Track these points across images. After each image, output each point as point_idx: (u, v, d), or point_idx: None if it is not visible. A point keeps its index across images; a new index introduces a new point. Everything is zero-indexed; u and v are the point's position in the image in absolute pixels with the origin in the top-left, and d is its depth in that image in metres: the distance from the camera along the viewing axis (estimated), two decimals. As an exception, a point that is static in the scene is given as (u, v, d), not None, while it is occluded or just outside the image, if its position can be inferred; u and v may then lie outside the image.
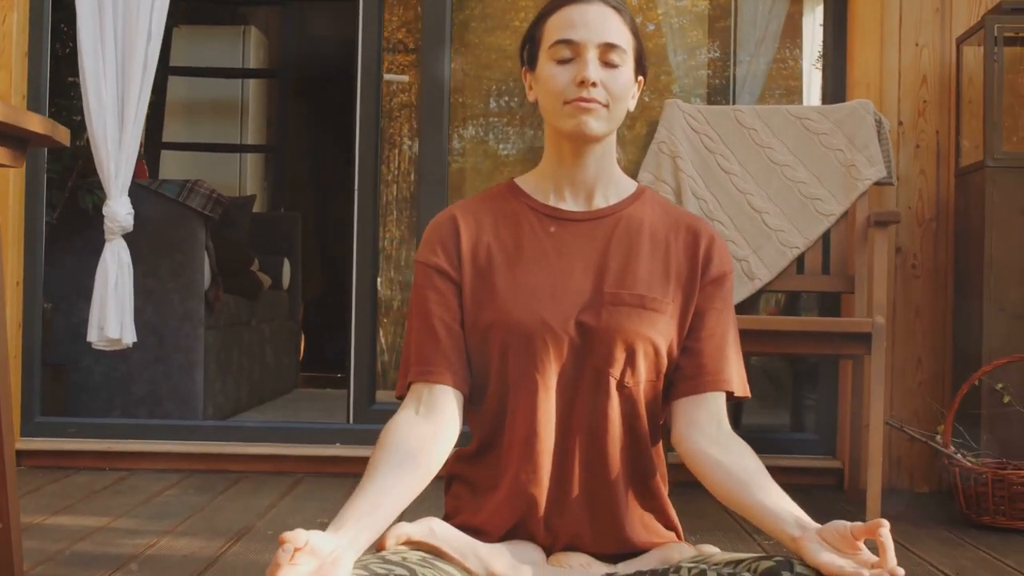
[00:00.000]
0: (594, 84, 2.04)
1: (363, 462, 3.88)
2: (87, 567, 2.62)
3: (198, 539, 2.94)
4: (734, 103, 4.82)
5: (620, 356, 2.05)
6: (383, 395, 4.53)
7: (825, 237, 3.74)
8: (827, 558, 1.80)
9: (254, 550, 2.84)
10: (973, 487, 3.30)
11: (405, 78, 4.69)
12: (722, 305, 2.14)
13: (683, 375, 2.12)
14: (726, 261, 2.17)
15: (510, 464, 2.06)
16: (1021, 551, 3.05)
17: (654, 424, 2.12)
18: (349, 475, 4.00)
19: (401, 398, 2.14)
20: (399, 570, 1.86)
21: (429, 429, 2.02)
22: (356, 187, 4.21)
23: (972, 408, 3.56)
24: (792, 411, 4.50)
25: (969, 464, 3.35)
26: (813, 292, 3.93)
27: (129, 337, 4.01)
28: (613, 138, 2.16)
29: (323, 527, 3.02)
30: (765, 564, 1.84)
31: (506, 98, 5.56)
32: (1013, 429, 3.54)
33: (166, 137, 6.99)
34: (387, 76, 4.34)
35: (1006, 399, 3.51)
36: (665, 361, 2.09)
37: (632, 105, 2.14)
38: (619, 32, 2.11)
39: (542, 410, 2.04)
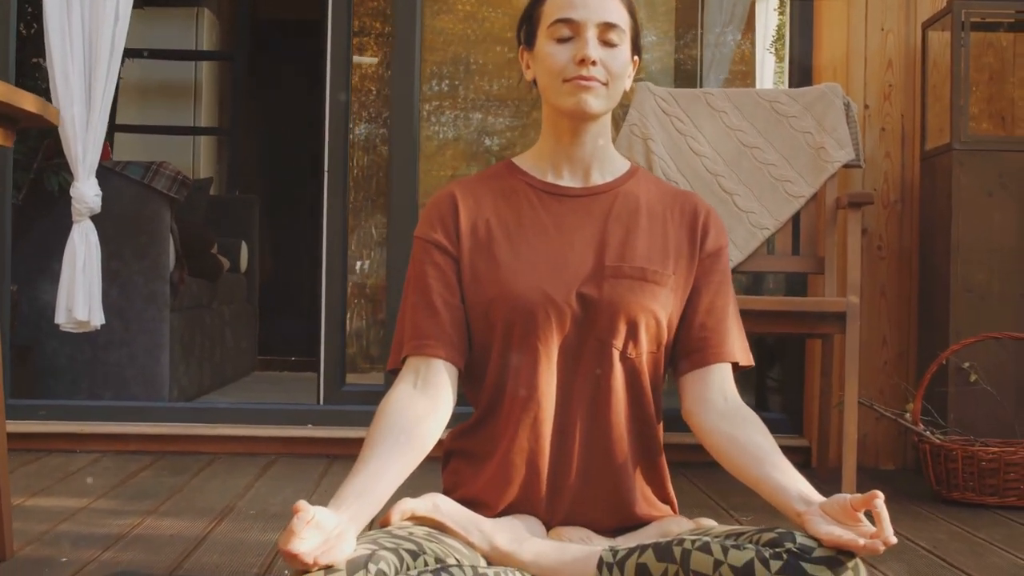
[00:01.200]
0: (594, 63, 2.07)
1: (335, 443, 3.95)
2: (77, 546, 2.61)
3: (182, 519, 2.95)
4: (701, 86, 4.86)
5: (623, 328, 2.09)
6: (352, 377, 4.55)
7: (795, 219, 3.79)
8: (827, 529, 1.84)
9: (240, 529, 2.85)
10: (943, 464, 3.37)
11: (374, 60, 4.69)
12: (721, 278, 2.18)
13: (688, 350, 2.16)
14: (722, 235, 2.21)
15: (508, 431, 2.09)
16: (992, 525, 3.12)
17: (656, 396, 2.16)
18: (322, 456, 4.02)
19: (394, 371, 2.16)
20: (407, 544, 1.89)
21: (426, 404, 2.05)
22: (326, 171, 4.21)
23: (939, 387, 3.63)
24: (757, 391, 4.56)
25: (938, 441, 3.41)
26: (782, 273, 3.97)
27: (97, 319, 3.99)
28: (609, 117, 2.19)
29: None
30: (768, 535, 1.88)
31: (447, 81, 5.58)
32: (979, 407, 3.61)
33: (119, 120, 6.93)
34: (356, 59, 4.33)
35: (973, 378, 3.58)
36: (666, 333, 2.13)
37: (628, 84, 2.17)
38: (618, 12, 2.14)
39: (544, 380, 2.08)
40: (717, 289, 2.19)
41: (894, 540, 1.80)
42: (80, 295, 3.94)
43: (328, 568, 1.73)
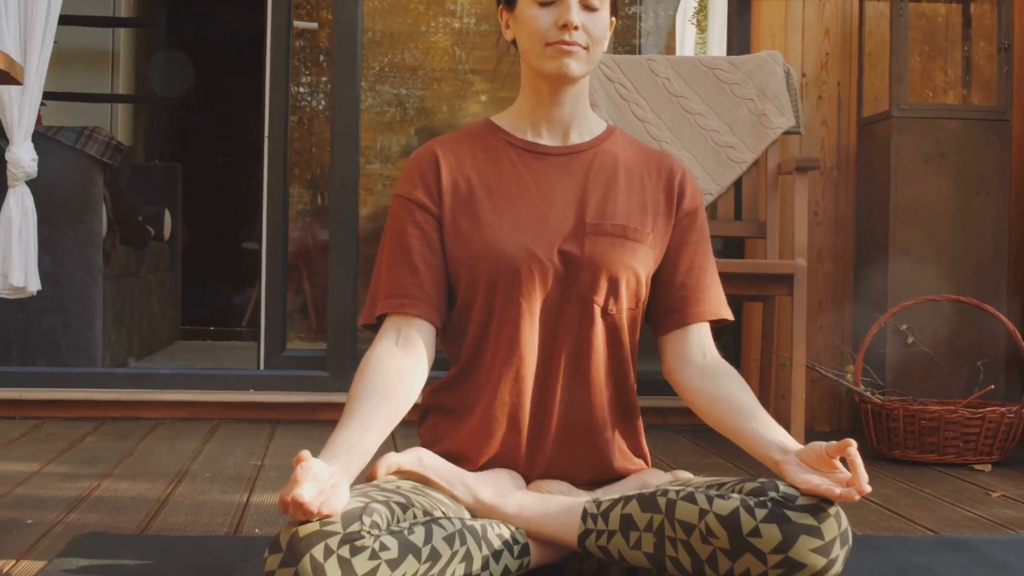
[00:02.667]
0: (576, 28, 2.09)
1: (277, 408, 3.95)
2: (39, 508, 2.59)
3: (139, 482, 2.93)
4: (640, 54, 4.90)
5: (604, 284, 2.12)
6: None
7: (737, 184, 3.85)
8: (804, 478, 1.90)
9: (199, 490, 2.85)
10: (884, 423, 3.45)
11: (314, 25, 4.66)
12: (698, 237, 2.23)
13: (668, 309, 2.20)
14: (698, 195, 2.25)
15: (489, 385, 2.12)
16: (936, 480, 3.20)
17: (634, 351, 2.20)
18: (264, 420, 4.01)
19: (367, 326, 2.18)
20: (396, 497, 1.91)
21: (408, 362, 2.07)
22: (266, 137, 4.19)
23: (878, 348, 3.71)
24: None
25: (879, 401, 3.49)
26: (720, 237, 4.03)
27: (34, 285, 3.94)
28: (588, 78, 2.21)
29: (256, 469, 3.05)
30: (751, 484, 1.93)
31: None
32: (916, 368, 3.70)
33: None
34: (297, 23, 4.31)
35: (910, 339, 3.66)
36: (645, 290, 2.17)
37: (606, 46, 2.20)
38: (599, -25, 2.16)
39: (526, 336, 2.11)
40: (695, 248, 2.23)
41: (868, 488, 1.86)
42: (16, 261, 3.89)
43: (324, 519, 1.75)
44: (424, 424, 2.25)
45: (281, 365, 4.20)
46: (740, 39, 4.26)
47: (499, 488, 2.08)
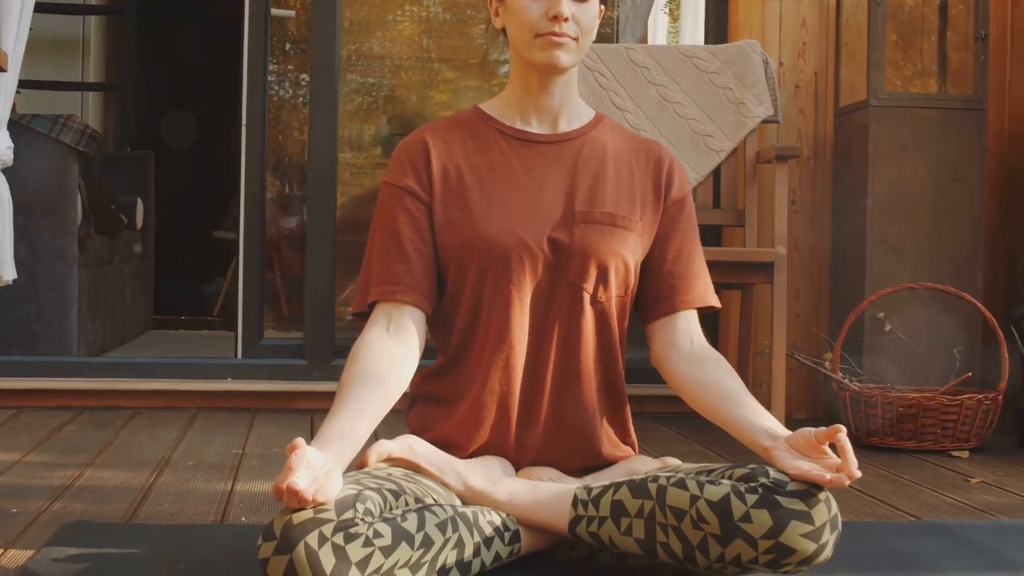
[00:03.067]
0: (566, 19, 2.10)
1: (255, 396, 3.94)
2: (23, 497, 2.58)
3: (121, 471, 2.92)
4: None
5: (593, 272, 2.13)
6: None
7: (715, 173, 3.87)
8: (794, 463, 1.91)
9: (182, 479, 2.84)
10: (863, 410, 3.48)
11: (291, 13, 4.65)
12: (686, 225, 2.24)
13: (655, 297, 2.21)
14: (686, 183, 2.26)
15: (479, 373, 2.13)
16: (915, 467, 3.23)
17: (622, 339, 2.21)
18: (243, 409, 4.00)
19: (358, 314, 2.18)
20: (389, 484, 1.92)
21: (399, 349, 2.08)
22: (244, 125, 4.18)
23: (855, 336, 3.73)
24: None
25: (857, 388, 3.52)
26: (703, 226, 4.04)
27: (9, 274, 3.91)
28: (577, 67, 2.22)
29: (238, 457, 3.05)
30: (741, 471, 1.94)
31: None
32: (893, 356, 3.73)
33: (1, 74, 6.76)
34: (274, 12, 4.30)
35: (887, 327, 3.69)
36: (633, 278, 2.18)
37: (594, 36, 2.20)
38: (589, -34, 2.16)
39: (516, 324, 2.11)
40: (683, 236, 2.24)
41: (858, 474, 1.88)
42: (-9, 249, 3.86)
43: (318, 506, 1.75)
44: (412, 412, 2.25)
45: (259, 354, 4.19)
46: (717, 28, 4.28)
47: (489, 475, 2.09)
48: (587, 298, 2.14)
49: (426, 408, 2.22)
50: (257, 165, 4.18)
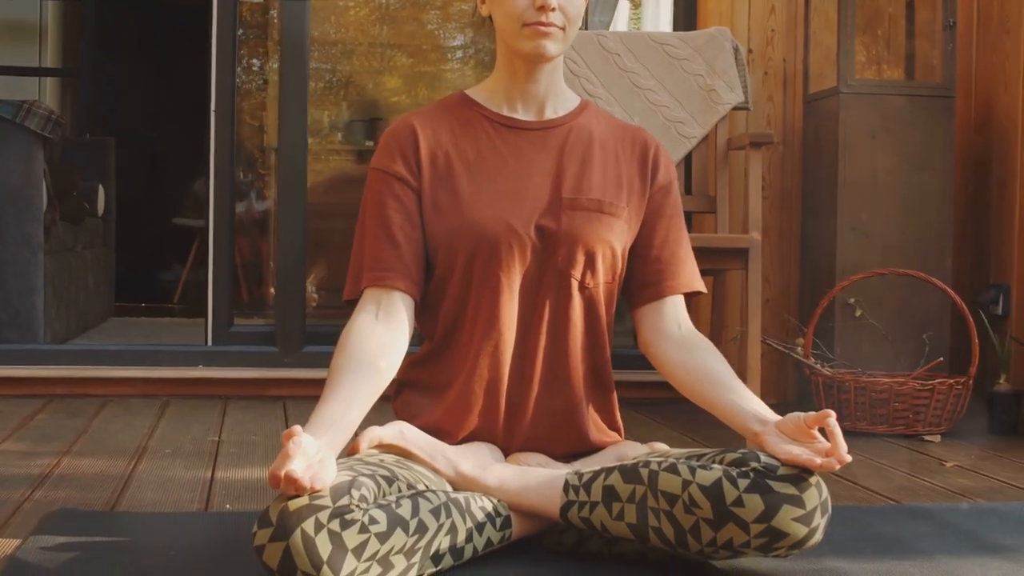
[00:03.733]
0: (553, 9, 2.10)
1: (227, 384, 3.91)
2: (2, 486, 2.56)
3: (100, 459, 2.90)
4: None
5: (581, 259, 2.14)
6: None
7: (687, 159, 3.88)
8: (784, 448, 1.93)
9: (162, 467, 2.83)
10: (835, 395, 3.51)
11: (260, -1, 4.62)
12: (672, 211, 2.25)
13: (642, 283, 2.23)
14: (671, 169, 2.27)
15: (467, 360, 2.13)
16: (889, 451, 3.26)
17: (610, 325, 2.22)
18: (214, 396, 3.99)
19: (349, 301, 2.18)
20: (381, 470, 1.92)
21: (388, 335, 2.08)
22: (213, 112, 4.15)
23: (826, 322, 3.76)
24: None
25: (829, 373, 3.55)
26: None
27: (-25, 261, 3.89)
28: (562, 55, 2.22)
29: (215, 445, 3.04)
30: (731, 455, 1.95)
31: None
32: (863, 341, 3.76)
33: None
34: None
35: (858, 312, 3.72)
36: (621, 264, 2.19)
37: (579, 24, 2.21)
38: (576, -45, 2.17)
39: (505, 310, 2.12)
40: (669, 222, 2.25)
41: (849, 458, 1.90)
42: (-42, 236, 3.83)
43: (314, 493, 1.75)
44: (399, 399, 2.25)
45: (229, 341, 4.17)
46: (686, 15, 4.29)
47: (479, 461, 2.10)
48: (575, 285, 2.15)
49: (413, 395, 2.22)
50: (226, 151, 4.15)
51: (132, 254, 7.60)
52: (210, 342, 4.19)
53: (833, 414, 1.91)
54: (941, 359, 3.55)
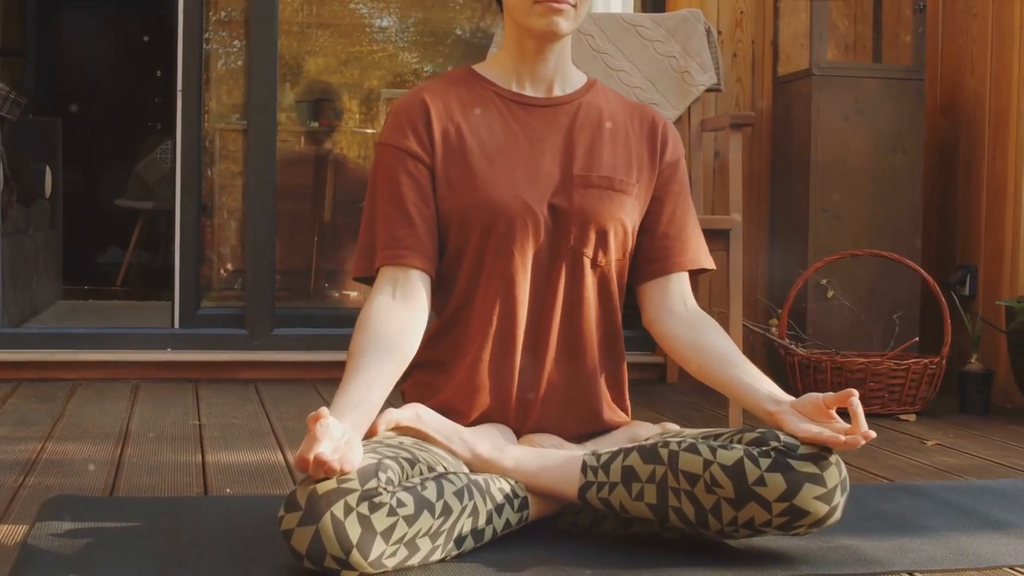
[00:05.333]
0: (565, -14, 2.09)
1: (196, 367, 3.87)
2: (-10, 473, 2.53)
3: (84, 444, 2.86)
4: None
5: (593, 236, 2.14)
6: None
7: (660, 141, 3.88)
8: (803, 427, 1.94)
9: (150, 452, 2.79)
10: (811, 375, 3.54)
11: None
12: (679, 188, 2.25)
13: (648, 258, 2.22)
14: (679, 146, 2.27)
15: (478, 337, 2.12)
16: (868, 431, 3.29)
17: (621, 302, 2.22)
18: (185, 380, 3.95)
19: (360, 279, 2.16)
20: (403, 453, 1.91)
21: (407, 314, 2.06)
22: (179, 95, 4.10)
23: (797, 303, 3.79)
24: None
25: (804, 353, 3.57)
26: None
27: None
28: (570, 34, 2.21)
29: (197, 428, 3.01)
30: (750, 435, 1.96)
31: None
32: (835, 321, 3.80)
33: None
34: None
35: (830, 293, 3.75)
36: (631, 241, 2.19)
37: (590, 3, 2.20)
38: (588, -68, 2.16)
39: (519, 288, 2.11)
40: (677, 199, 2.25)
41: (873, 434, 1.92)
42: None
43: (342, 476, 1.74)
44: (409, 379, 2.24)
45: (197, 323, 4.13)
46: (656, -4, 4.30)
47: (495, 442, 2.09)
48: (587, 263, 2.14)
49: (423, 375, 2.20)
50: (194, 133, 4.10)
51: (74, 236, 7.51)
52: (177, 325, 4.14)
53: (855, 393, 1.93)
54: (917, 339, 3.59)
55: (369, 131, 6.06)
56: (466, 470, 2.02)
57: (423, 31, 5.89)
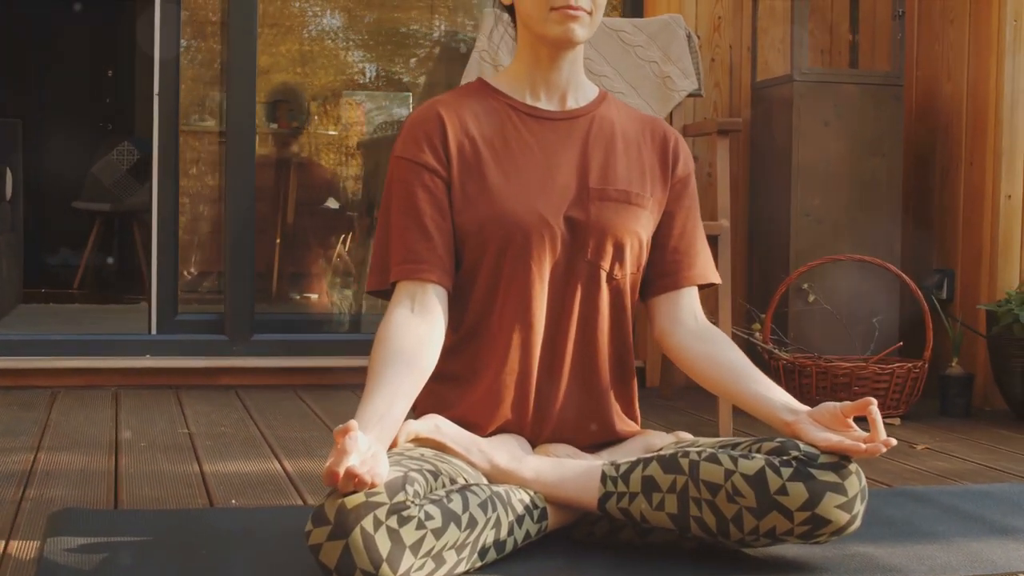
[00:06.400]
0: (581, -7, 2.10)
1: (176, 373, 3.84)
2: (-10, 485, 2.49)
3: (77, 454, 2.83)
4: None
5: (610, 250, 2.14)
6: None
7: (642, 146, 3.89)
8: (823, 436, 1.96)
9: (146, 461, 2.76)
10: (797, 380, 3.56)
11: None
12: (690, 202, 2.26)
13: (660, 272, 2.23)
14: (690, 160, 2.28)
15: (497, 352, 2.12)
16: (856, 435, 3.32)
17: (632, 315, 2.23)
18: (165, 387, 3.91)
19: (375, 292, 2.15)
20: (427, 465, 1.91)
21: (425, 328, 2.05)
22: (156, 95, 4.06)
23: (779, 307, 3.81)
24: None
25: (789, 358, 3.60)
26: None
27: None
28: (583, 44, 2.21)
29: (188, 437, 2.99)
30: (768, 444, 1.97)
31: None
32: (816, 325, 3.82)
33: None
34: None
35: (811, 298, 3.78)
36: (645, 254, 2.20)
37: (603, 10, 2.20)
38: (602, -60, 2.16)
39: (537, 302, 2.11)
40: (687, 213, 2.26)
41: (894, 441, 1.93)
42: None
43: (370, 489, 1.73)
44: (422, 393, 2.22)
45: (175, 329, 4.09)
46: (635, 2, 4.30)
47: (513, 453, 2.09)
48: (604, 276, 2.15)
49: (438, 387, 2.19)
50: (171, 135, 4.06)
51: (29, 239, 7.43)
52: (154, 330, 4.10)
53: (874, 402, 1.94)
54: (902, 343, 3.63)
55: (331, 132, 6.04)
56: (485, 481, 2.02)
57: (379, 31, 5.87)
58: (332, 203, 5.93)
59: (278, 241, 5.38)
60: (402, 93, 6.19)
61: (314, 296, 5.35)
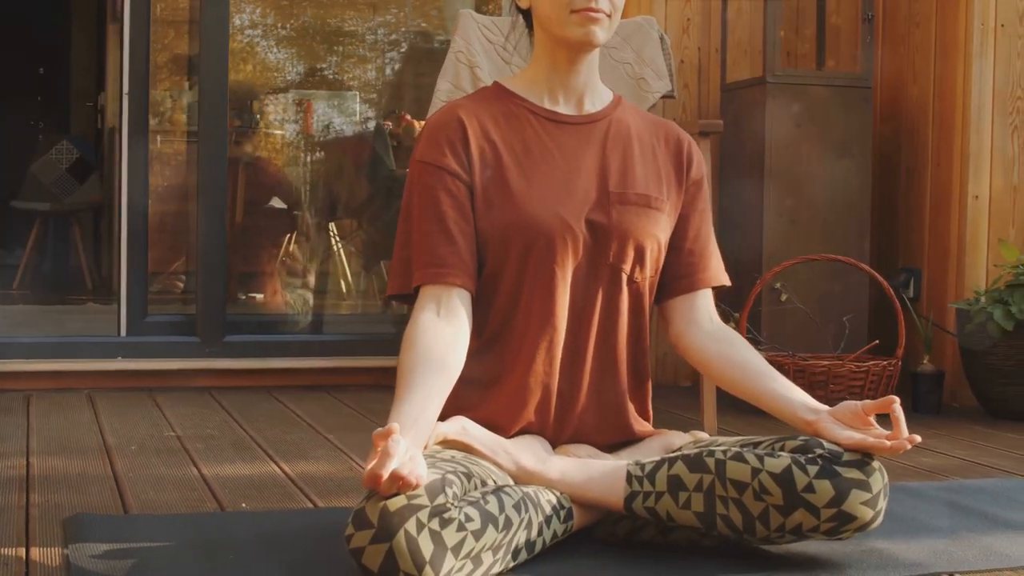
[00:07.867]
0: (601, -5, 2.12)
1: (149, 375, 3.81)
2: (-10, 492, 2.46)
3: (70, 459, 2.80)
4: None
5: (631, 253, 2.16)
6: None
7: (616, 147, 3.92)
8: (846, 434, 1.99)
9: (142, 465, 2.74)
10: (774, 377, 3.60)
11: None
12: (703, 205, 2.29)
13: (675, 275, 2.26)
14: (703, 164, 2.31)
15: (522, 355, 2.13)
16: (837, 432, 3.37)
17: (650, 318, 2.26)
18: (139, 388, 3.88)
19: (396, 297, 2.16)
20: (460, 467, 1.93)
21: (451, 332, 2.06)
22: (126, 94, 4.02)
23: (752, 306, 3.85)
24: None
25: (765, 356, 3.64)
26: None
27: None
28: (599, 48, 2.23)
29: (177, 440, 2.97)
30: (792, 442, 2.01)
31: None
32: (788, 324, 3.87)
33: None
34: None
35: (784, 297, 3.83)
36: (663, 257, 2.22)
37: (621, 13, 2.22)
38: (623, -58, 2.18)
39: (560, 304, 2.13)
40: (701, 216, 2.30)
41: (918, 438, 1.98)
42: None
43: (411, 492, 1.74)
44: (444, 395, 2.23)
45: (145, 331, 4.05)
46: (604, 3, 4.32)
47: (538, 454, 2.10)
48: (624, 279, 2.17)
49: (461, 390, 2.18)
50: (141, 132, 4.03)
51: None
52: (124, 332, 4.06)
53: (897, 400, 1.98)
54: (877, 341, 3.68)
55: (277, 132, 6.01)
56: (511, 483, 2.03)
57: (322, 30, 5.87)
58: (277, 203, 5.91)
59: (227, 241, 5.35)
60: (348, 92, 6.18)
61: (258, 296, 5.34)
